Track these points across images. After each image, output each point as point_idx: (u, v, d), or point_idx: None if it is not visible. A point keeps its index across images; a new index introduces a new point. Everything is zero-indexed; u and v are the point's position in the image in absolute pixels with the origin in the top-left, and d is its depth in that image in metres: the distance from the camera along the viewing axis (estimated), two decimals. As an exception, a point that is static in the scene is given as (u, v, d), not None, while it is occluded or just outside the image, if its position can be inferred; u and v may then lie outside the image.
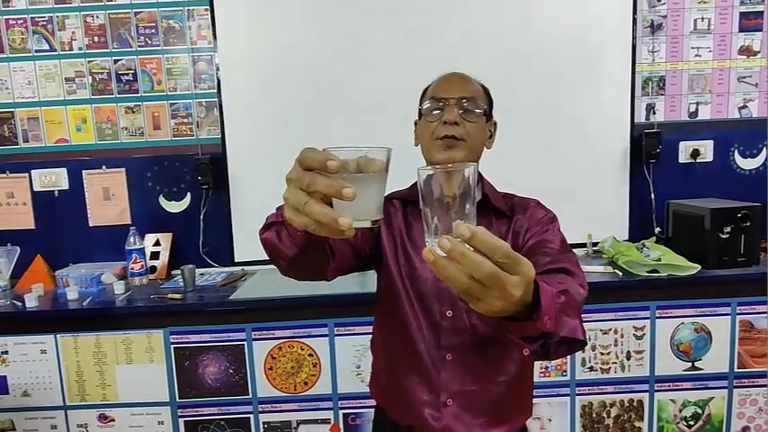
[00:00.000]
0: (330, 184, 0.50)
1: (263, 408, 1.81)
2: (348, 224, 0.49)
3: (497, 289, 0.49)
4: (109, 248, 2.15)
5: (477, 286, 0.48)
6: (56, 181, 2.17)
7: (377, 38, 2.09)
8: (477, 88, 0.99)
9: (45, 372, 1.80)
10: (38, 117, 2.16)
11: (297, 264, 0.76)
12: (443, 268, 0.48)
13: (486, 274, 0.47)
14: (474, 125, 0.94)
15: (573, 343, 0.68)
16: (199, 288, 1.92)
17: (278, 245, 0.74)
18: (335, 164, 0.50)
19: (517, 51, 2.08)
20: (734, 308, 1.79)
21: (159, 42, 2.13)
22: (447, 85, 0.97)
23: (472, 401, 0.94)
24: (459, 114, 0.92)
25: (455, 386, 0.94)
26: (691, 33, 2.15)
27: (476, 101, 0.95)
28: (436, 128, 0.94)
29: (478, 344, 0.94)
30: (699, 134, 2.18)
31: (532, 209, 0.99)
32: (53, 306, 1.83)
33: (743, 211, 1.81)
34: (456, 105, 0.93)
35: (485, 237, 0.47)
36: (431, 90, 1.00)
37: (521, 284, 0.50)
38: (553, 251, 0.88)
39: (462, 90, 0.95)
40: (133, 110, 2.16)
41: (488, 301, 0.50)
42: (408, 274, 0.98)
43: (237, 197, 2.15)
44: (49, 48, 2.13)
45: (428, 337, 0.95)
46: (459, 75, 1.00)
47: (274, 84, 2.11)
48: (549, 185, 2.06)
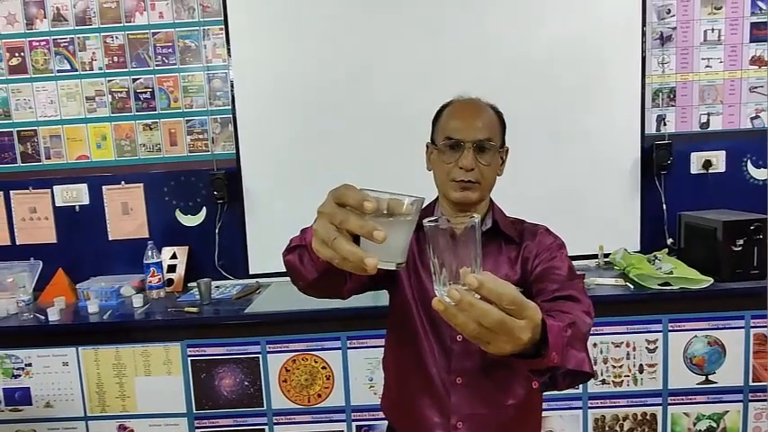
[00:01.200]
0: (363, 225, 0.51)
1: (278, 419, 1.84)
2: (373, 265, 0.51)
3: (505, 334, 0.51)
4: (127, 261, 2.20)
5: (487, 332, 0.51)
6: (77, 196, 2.24)
7: (390, 54, 2.12)
8: (491, 122, 0.98)
9: (67, 383, 1.86)
10: (60, 135, 2.23)
11: (316, 286, 0.81)
12: (453, 317, 0.51)
13: (494, 321, 0.50)
14: (488, 167, 0.96)
15: (579, 374, 0.70)
16: (215, 301, 1.97)
17: (300, 268, 0.79)
18: (371, 206, 0.52)
19: (525, 63, 2.10)
20: (747, 321, 1.78)
21: (176, 61, 2.19)
22: (462, 121, 0.96)
23: (482, 425, 0.96)
24: (474, 158, 0.94)
25: (465, 409, 0.96)
26: (701, 44, 2.15)
27: (490, 140, 0.96)
28: (452, 170, 0.95)
29: (488, 368, 0.95)
30: (711, 145, 2.17)
31: (541, 235, 1.01)
32: (74, 319, 1.89)
33: (756, 223, 1.80)
34: (471, 149, 0.94)
35: (491, 285, 0.50)
36: (445, 124, 0.99)
37: (528, 328, 0.52)
38: (561, 278, 0.90)
39: (477, 130, 0.95)
40: (151, 127, 2.22)
41: (497, 345, 0.53)
42: (420, 298, 1.00)
43: (252, 211, 2.19)
44: (71, 68, 2.20)
45: (439, 361, 0.98)
46: (475, 108, 0.99)
47: (288, 100, 2.15)
48: (559, 197, 2.09)
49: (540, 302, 0.85)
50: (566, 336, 0.62)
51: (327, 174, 2.13)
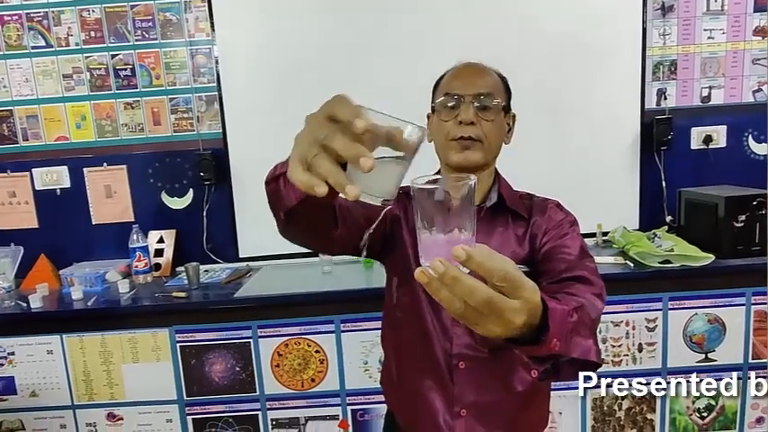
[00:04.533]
0: (350, 146, 0.43)
1: (271, 405, 1.80)
2: (355, 195, 0.44)
3: (495, 315, 0.45)
4: (112, 246, 2.13)
5: (474, 312, 0.45)
6: (57, 179, 2.15)
7: (381, 31, 2.03)
8: (494, 80, 0.93)
9: (52, 372, 1.80)
10: (37, 115, 2.13)
11: (297, 218, 0.69)
12: (437, 291, 0.45)
13: (481, 300, 0.44)
14: (491, 123, 0.89)
15: (585, 364, 0.64)
16: (203, 285, 1.91)
17: (280, 191, 0.68)
18: (363, 124, 0.44)
19: (524, 35, 2.02)
20: (749, 298, 1.75)
21: (156, 36, 2.08)
22: (462, 80, 0.91)
23: (487, 413, 0.91)
24: (475, 112, 0.87)
25: (470, 397, 0.91)
26: (703, 15, 2.07)
27: (493, 96, 0.89)
28: (451, 128, 0.89)
29: (493, 352, 0.90)
30: (711, 119, 2.12)
31: (551, 210, 0.94)
32: (58, 306, 1.83)
33: (758, 199, 1.76)
34: (472, 103, 0.87)
35: (481, 259, 0.44)
36: (444, 83, 0.93)
37: (522, 310, 0.46)
38: (570, 258, 0.83)
39: (478, 85, 0.89)
40: (132, 106, 2.12)
41: (486, 327, 0.47)
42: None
43: (240, 192, 2.12)
44: (46, 44, 2.09)
45: (441, 344, 0.92)
46: (475, 66, 0.94)
47: (275, 76, 2.06)
48: (557, 174, 2.03)
49: (547, 284, 0.79)
50: (571, 321, 0.57)
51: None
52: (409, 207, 0.93)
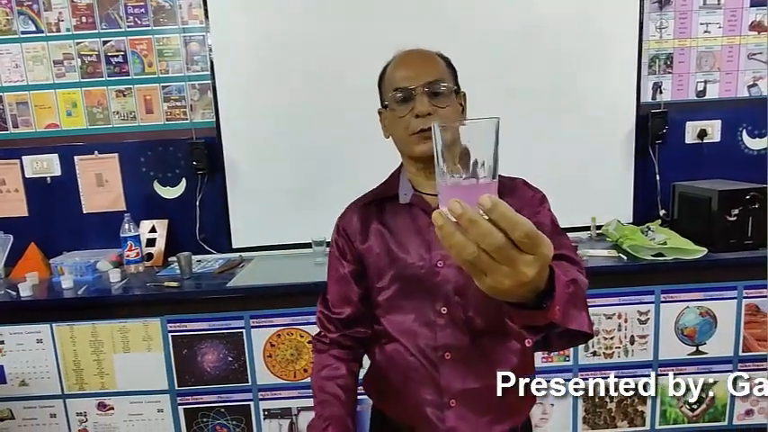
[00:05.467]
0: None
1: (263, 395, 1.80)
2: None
3: (508, 264, 0.44)
4: (104, 235, 2.11)
5: (486, 258, 0.44)
6: (48, 167, 2.12)
7: (376, 20, 2.01)
8: (439, 65, 0.91)
9: (42, 361, 1.78)
10: (27, 101, 2.10)
11: None
12: (449, 235, 0.44)
13: (495, 245, 0.43)
14: (446, 110, 0.87)
15: (576, 335, 0.63)
16: (196, 275, 1.89)
17: None
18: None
19: (520, 29, 2.00)
20: (740, 291, 1.76)
21: (149, 22, 2.05)
22: (408, 71, 0.89)
23: (476, 400, 0.91)
24: (429, 102, 0.86)
25: (457, 385, 0.91)
26: (700, 9, 2.07)
27: (442, 81, 0.88)
28: (409, 122, 0.87)
29: (476, 339, 0.90)
30: (706, 114, 2.12)
31: (520, 189, 0.93)
32: (48, 295, 1.81)
33: (751, 193, 1.77)
34: (424, 93, 0.86)
35: (506, 210, 0.43)
36: (391, 78, 0.92)
37: (535, 264, 0.45)
38: (547, 236, 0.82)
39: (426, 73, 0.88)
40: (124, 93, 2.09)
41: (496, 277, 0.45)
42: (398, 276, 0.93)
43: (234, 182, 2.10)
44: (36, 29, 2.05)
45: (425, 337, 0.91)
46: (418, 53, 0.92)
47: (269, 65, 2.04)
48: (552, 167, 2.02)
49: None
50: (568, 292, 0.56)
51: (312, 143, 2.05)
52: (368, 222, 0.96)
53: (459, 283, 0.89)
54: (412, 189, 0.94)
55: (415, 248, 0.91)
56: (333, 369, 0.97)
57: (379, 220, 0.96)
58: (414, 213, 0.93)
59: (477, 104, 2.10)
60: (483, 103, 2.18)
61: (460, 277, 0.89)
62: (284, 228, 2.06)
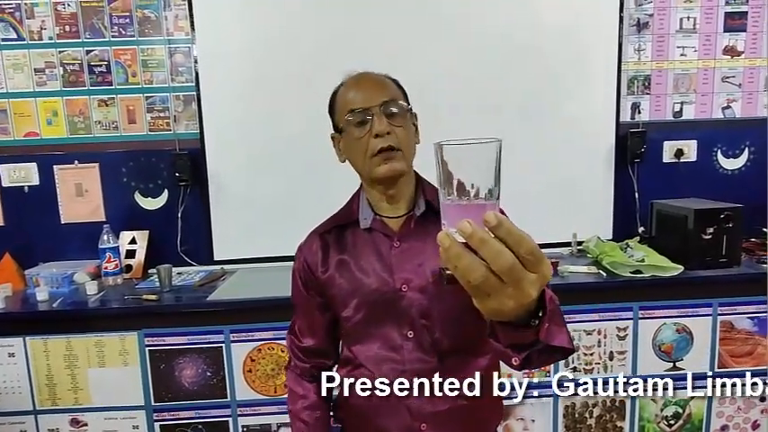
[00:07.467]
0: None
1: (243, 411, 1.77)
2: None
3: (514, 285, 0.43)
4: (82, 247, 2.07)
5: (494, 280, 0.43)
6: (26, 176, 2.08)
7: (361, 31, 2.03)
8: (391, 86, 0.92)
9: (13, 376, 1.73)
10: (6, 109, 2.06)
11: None
12: (458, 256, 0.43)
13: (505, 265, 0.42)
14: (402, 129, 0.88)
15: (555, 352, 0.63)
16: (176, 288, 1.86)
17: None
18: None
19: (503, 49, 2.04)
20: (715, 308, 1.80)
21: (134, 33, 2.04)
22: (362, 93, 0.90)
23: (446, 421, 0.91)
24: (387, 123, 0.86)
25: (428, 409, 0.90)
26: (677, 32, 2.14)
27: (396, 101, 0.89)
28: (368, 143, 0.87)
29: (443, 360, 0.90)
30: (683, 134, 2.18)
31: None
32: (22, 307, 1.77)
33: (725, 212, 1.81)
34: (382, 113, 0.87)
35: (511, 226, 0.42)
36: (344, 100, 0.92)
37: (537, 283, 0.44)
38: None
39: (380, 94, 0.88)
40: (107, 103, 2.07)
41: (500, 299, 0.44)
42: (362, 302, 0.92)
43: (217, 194, 2.09)
44: (17, 37, 2.03)
45: (392, 362, 0.91)
46: (369, 75, 0.93)
47: (254, 77, 2.04)
48: (534, 184, 2.06)
49: None
50: (550, 309, 0.55)
51: (296, 156, 2.05)
52: (316, 253, 0.98)
53: (424, 306, 0.89)
54: (372, 213, 0.93)
55: (377, 273, 0.91)
56: (303, 399, 1.01)
57: (340, 246, 0.95)
58: (375, 238, 0.93)
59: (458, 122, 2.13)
60: (464, 121, 2.21)
61: (424, 299, 0.89)
62: (267, 240, 2.05)
